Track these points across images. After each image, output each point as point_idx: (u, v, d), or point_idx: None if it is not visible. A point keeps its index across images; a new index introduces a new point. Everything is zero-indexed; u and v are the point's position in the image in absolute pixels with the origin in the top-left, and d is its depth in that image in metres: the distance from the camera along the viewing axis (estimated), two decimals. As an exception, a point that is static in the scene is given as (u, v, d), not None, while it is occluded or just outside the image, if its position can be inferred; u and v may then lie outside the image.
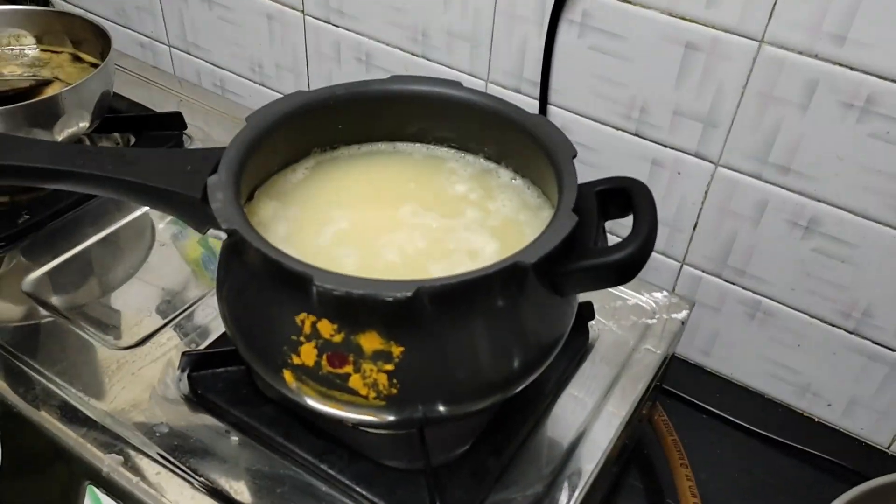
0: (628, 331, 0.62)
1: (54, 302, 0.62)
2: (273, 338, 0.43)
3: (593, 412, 0.56)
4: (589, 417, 0.56)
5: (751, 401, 0.76)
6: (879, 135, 0.58)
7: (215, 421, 0.53)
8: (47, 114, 0.67)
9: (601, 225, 0.46)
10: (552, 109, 0.73)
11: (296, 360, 0.42)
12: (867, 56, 0.56)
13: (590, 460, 0.53)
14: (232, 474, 0.50)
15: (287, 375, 0.43)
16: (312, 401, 0.44)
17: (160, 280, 0.65)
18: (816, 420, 0.75)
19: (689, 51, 0.63)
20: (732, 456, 0.71)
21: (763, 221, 0.67)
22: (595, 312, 0.61)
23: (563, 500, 0.50)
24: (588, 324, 0.61)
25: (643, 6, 0.63)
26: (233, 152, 0.46)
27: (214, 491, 0.49)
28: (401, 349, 0.41)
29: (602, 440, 0.54)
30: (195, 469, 0.50)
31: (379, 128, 0.56)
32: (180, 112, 0.80)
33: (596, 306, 0.61)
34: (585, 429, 0.55)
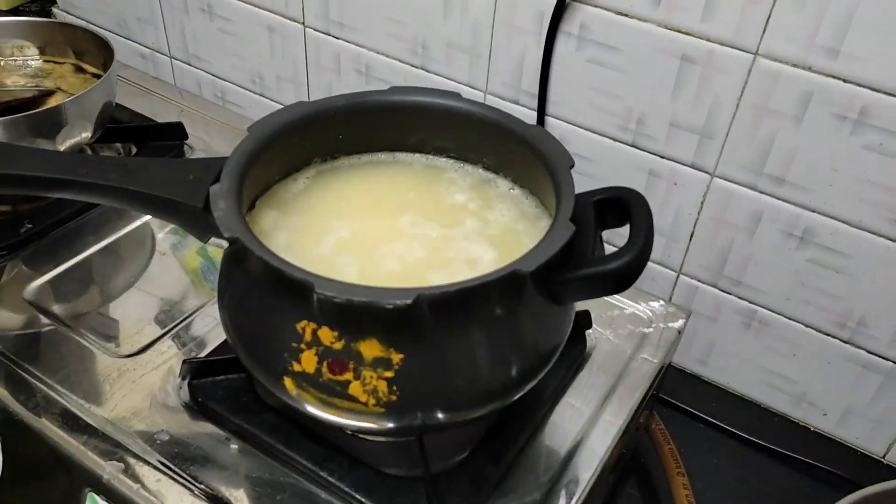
0: (625, 340, 0.63)
1: (56, 310, 0.62)
2: (274, 345, 0.43)
3: (590, 421, 0.56)
4: (586, 426, 0.56)
5: (747, 410, 0.76)
6: (873, 146, 0.59)
7: (216, 428, 0.53)
8: (50, 124, 0.67)
9: (598, 234, 0.46)
10: (550, 121, 0.74)
11: (296, 368, 0.42)
12: (860, 69, 0.57)
13: (587, 469, 0.53)
14: (232, 482, 0.50)
15: (288, 382, 0.43)
16: (313, 408, 0.44)
17: (160, 289, 0.66)
18: (812, 429, 0.75)
19: (685, 63, 0.64)
20: (728, 465, 0.71)
21: (758, 232, 0.68)
22: (592, 321, 0.61)
23: (561, 508, 0.51)
24: (585, 332, 0.61)
25: (640, 19, 0.64)
26: (234, 162, 0.47)
27: (214, 498, 0.49)
28: (400, 356, 0.41)
29: (599, 449, 0.55)
30: (195, 476, 0.50)
31: (379, 138, 0.56)
32: (181, 122, 0.81)
33: (593, 315, 0.61)
34: (583, 437, 0.55)
